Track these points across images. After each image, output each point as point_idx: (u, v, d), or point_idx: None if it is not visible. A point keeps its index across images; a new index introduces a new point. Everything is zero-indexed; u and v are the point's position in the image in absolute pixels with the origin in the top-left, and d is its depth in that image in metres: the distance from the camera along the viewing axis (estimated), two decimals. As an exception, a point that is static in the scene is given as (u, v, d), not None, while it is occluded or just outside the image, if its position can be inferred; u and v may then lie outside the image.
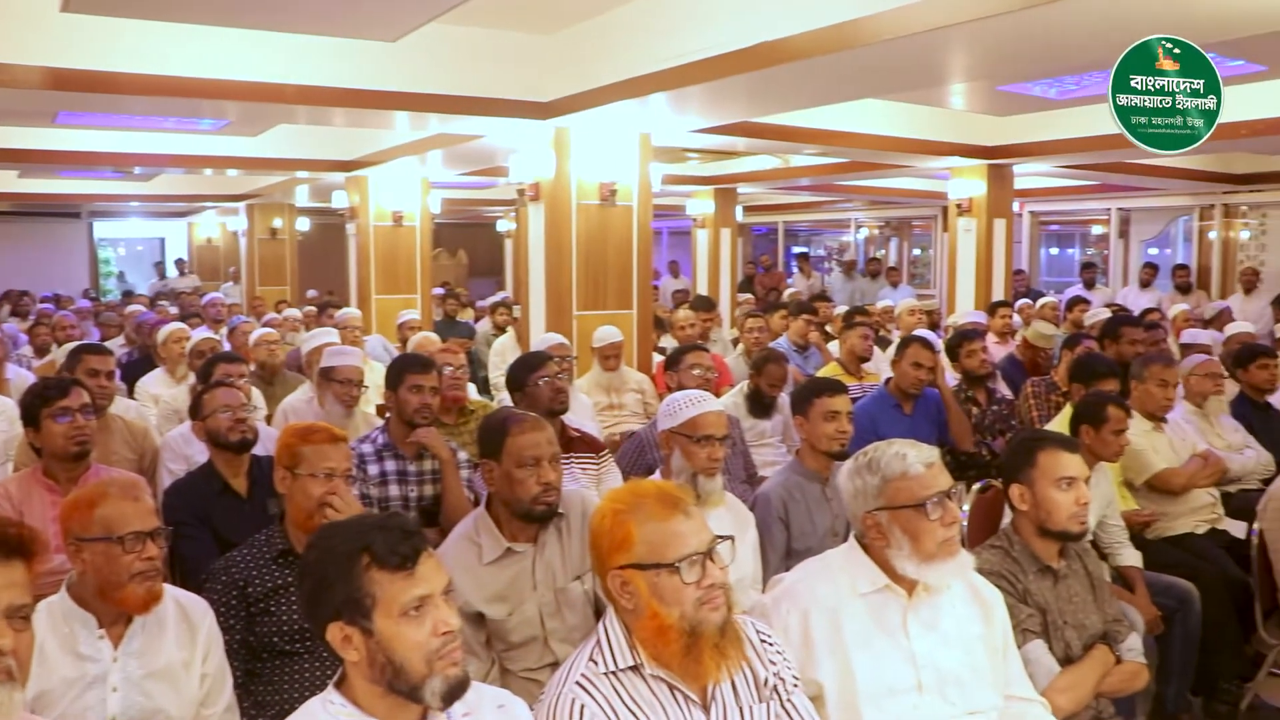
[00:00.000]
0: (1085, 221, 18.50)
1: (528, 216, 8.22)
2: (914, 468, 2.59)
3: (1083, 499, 3.08)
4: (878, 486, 2.62)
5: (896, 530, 2.58)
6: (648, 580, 2.13)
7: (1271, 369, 6.21)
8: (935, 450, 2.66)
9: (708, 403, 3.61)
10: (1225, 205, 14.90)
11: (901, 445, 2.65)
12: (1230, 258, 15.05)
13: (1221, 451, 5.43)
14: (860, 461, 2.68)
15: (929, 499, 2.56)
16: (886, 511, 2.60)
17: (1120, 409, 4.48)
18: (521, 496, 3.07)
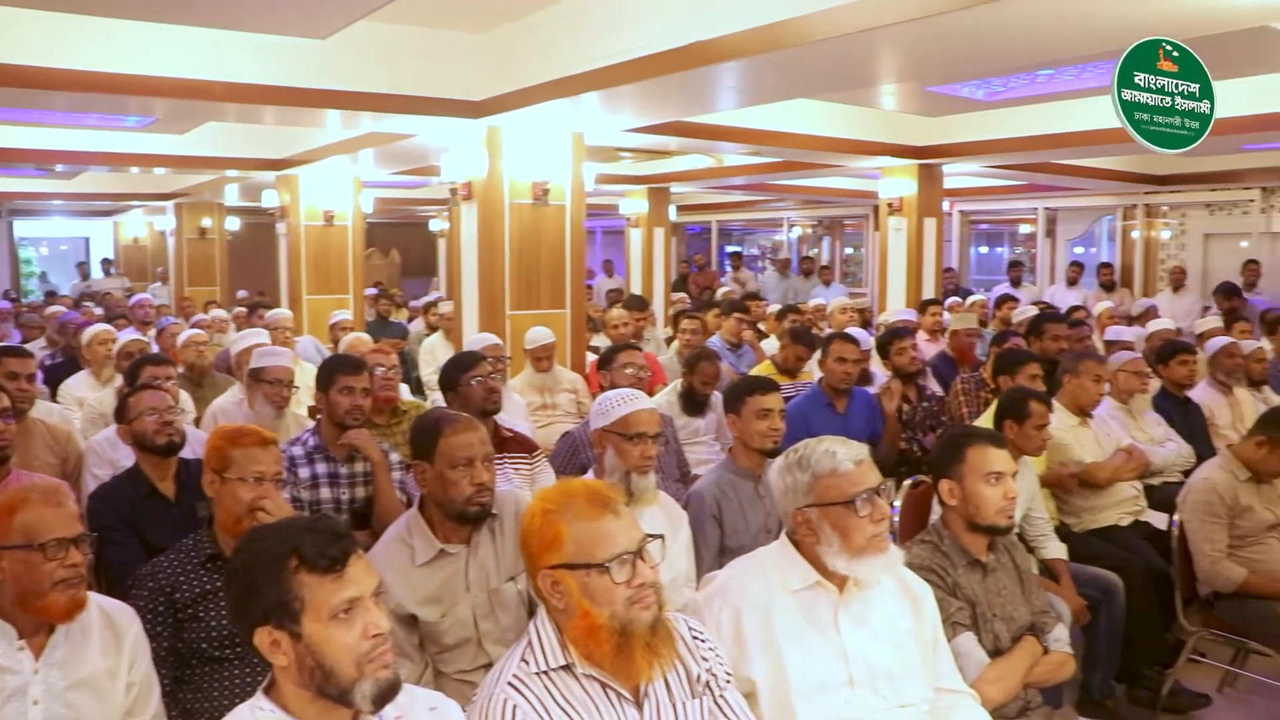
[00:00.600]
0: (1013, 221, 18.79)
1: (460, 216, 8.17)
2: (843, 465, 2.61)
3: (1010, 493, 3.13)
4: (808, 484, 2.64)
5: (826, 527, 2.60)
6: (578, 580, 2.13)
7: (1191, 365, 6.37)
8: (864, 447, 2.68)
9: (640, 401, 3.62)
10: (1147, 205, 15.21)
11: (831, 443, 2.67)
12: (1152, 256, 15.38)
13: (1145, 445, 5.55)
14: (790, 459, 2.70)
15: (858, 496, 2.58)
16: (816, 508, 2.62)
17: (1042, 404, 4.56)
18: (454, 497, 3.05)
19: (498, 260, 7.81)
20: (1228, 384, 6.67)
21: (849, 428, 5.64)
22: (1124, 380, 5.85)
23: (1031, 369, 5.61)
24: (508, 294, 7.81)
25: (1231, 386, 6.68)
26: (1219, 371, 6.65)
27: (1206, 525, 4.47)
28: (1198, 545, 4.49)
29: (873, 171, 11.71)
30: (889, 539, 2.64)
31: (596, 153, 10.98)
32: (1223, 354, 6.70)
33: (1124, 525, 5.13)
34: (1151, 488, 5.56)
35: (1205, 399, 6.53)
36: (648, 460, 3.52)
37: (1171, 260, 14.87)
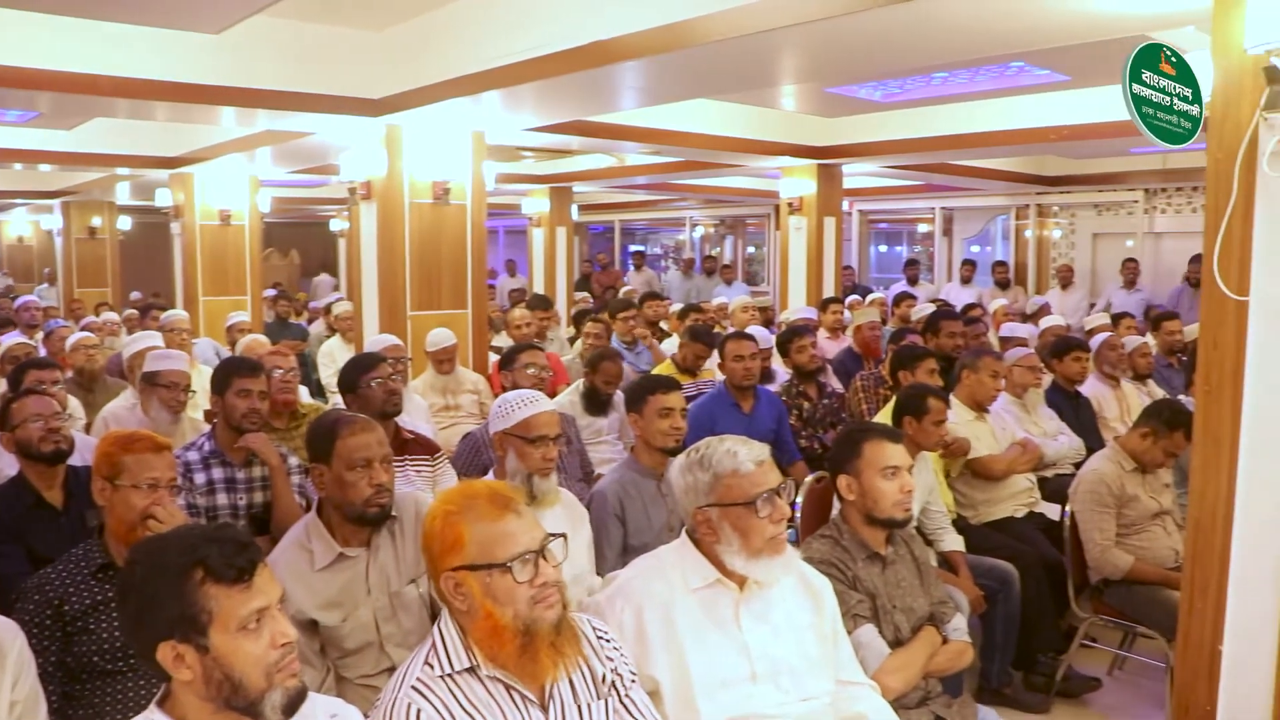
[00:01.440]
0: (911, 220, 19.11)
1: (360, 215, 8.07)
2: (744, 465, 2.63)
3: (907, 486, 3.18)
4: (708, 483, 2.65)
5: (726, 526, 2.61)
6: (480, 581, 2.11)
7: (1084, 361, 6.55)
8: (766, 448, 2.70)
9: (540, 403, 3.60)
10: (1039, 205, 15.58)
11: (733, 442, 2.69)
12: (1044, 255, 15.76)
13: (1038, 439, 5.69)
14: (692, 457, 2.71)
15: (758, 497, 2.60)
16: (717, 508, 2.63)
17: (940, 400, 4.65)
18: (353, 499, 3.01)
19: (398, 260, 7.72)
20: (1114, 377, 6.87)
21: (755, 427, 5.69)
22: (1019, 375, 5.99)
23: (929, 365, 5.72)
24: (408, 294, 7.73)
25: (1119, 380, 6.88)
26: (1104, 365, 6.85)
27: (1096, 515, 4.60)
28: (1088, 534, 4.62)
29: (773, 171, 11.82)
30: (788, 540, 2.67)
31: (498, 152, 10.92)
32: (1105, 347, 6.90)
33: (1019, 517, 5.26)
34: (1045, 480, 5.71)
35: (1094, 393, 6.72)
36: (549, 462, 3.51)
37: (1062, 259, 15.26)
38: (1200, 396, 3.23)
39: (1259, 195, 3.03)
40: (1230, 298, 3.07)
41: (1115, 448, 4.79)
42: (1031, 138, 9.30)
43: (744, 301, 10.20)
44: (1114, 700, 4.81)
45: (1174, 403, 4.91)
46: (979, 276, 14.83)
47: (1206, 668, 3.24)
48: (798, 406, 6.34)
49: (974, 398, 5.48)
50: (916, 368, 5.71)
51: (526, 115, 7.52)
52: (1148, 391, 7.00)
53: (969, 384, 5.50)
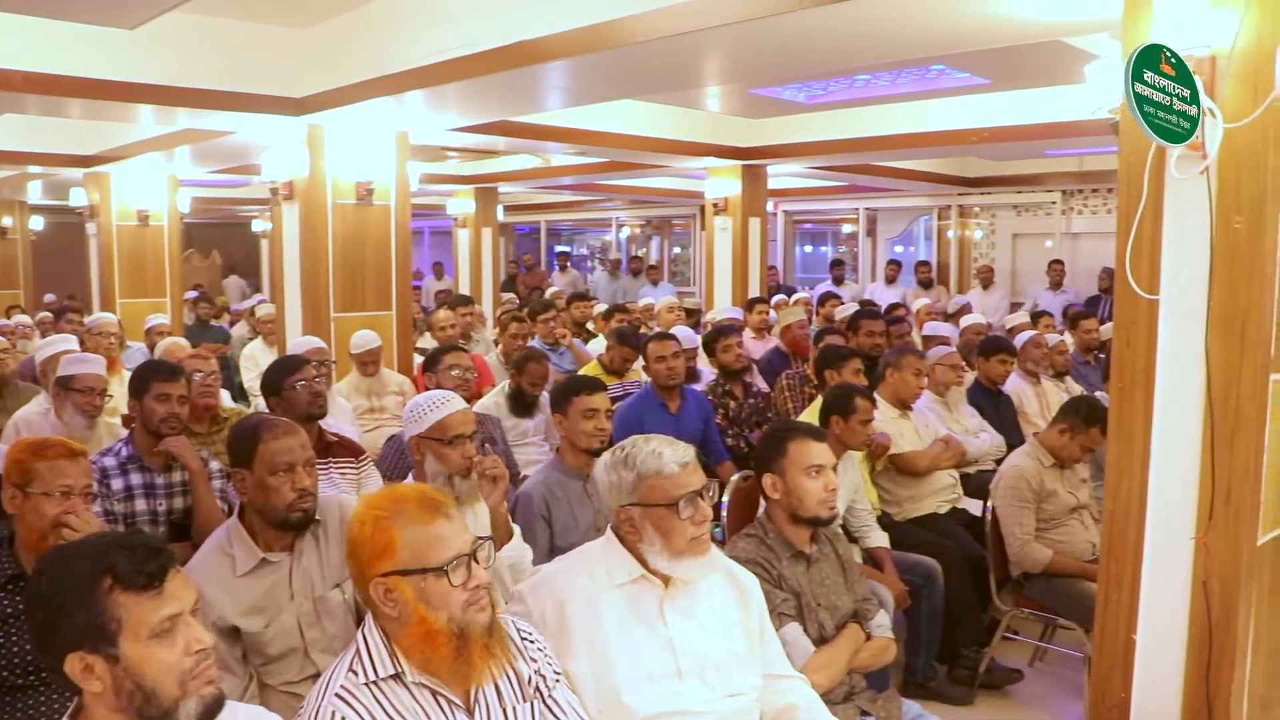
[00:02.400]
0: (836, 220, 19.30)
1: (282, 216, 7.96)
2: (668, 466, 2.64)
3: (831, 485, 3.21)
4: (632, 482, 2.65)
5: (648, 526, 2.62)
6: (414, 585, 2.10)
7: (1009, 364, 6.65)
8: (691, 449, 2.71)
9: (451, 403, 3.59)
10: (960, 206, 15.82)
11: (659, 443, 2.69)
12: (965, 255, 16.00)
13: (961, 436, 5.79)
14: (617, 456, 2.71)
15: (681, 498, 2.61)
16: (639, 508, 2.64)
17: (867, 400, 4.71)
18: (276, 504, 2.97)
19: (321, 262, 7.64)
20: (1035, 375, 7.00)
21: (682, 427, 5.71)
22: (941, 374, 6.08)
23: (854, 365, 5.78)
24: (332, 296, 7.65)
25: (1039, 377, 7.01)
26: (1028, 362, 6.97)
27: (1016, 510, 4.68)
28: (1008, 529, 4.70)
29: (698, 172, 11.88)
30: (710, 541, 2.68)
31: (422, 152, 10.84)
32: (1030, 345, 7.02)
33: (942, 513, 5.34)
34: (967, 476, 5.80)
35: (1015, 389, 6.84)
36: (469, 460, 3.50)
37: (983, 259, 15.50)
38: (1114, 393, 3.31)
39: (1167, 197, 3.11)
40: (1142, 297, 3.15)
41: (1034, 444, 4.88)
42: (952, 139, 9.44)
43: (669, 302, 10.24)
44: (1035, 690, 4.90)
45: (1090, 399, 5.01)
46: (903, 276, 15.03)
47: (1121, 657, 3.31)
48: (724, 406, 6.37)
49: (898, 396, 5.56)
50: (842, 367, 5.77)
51: (451, 115, 7.47)
52: (1066, 388, 7.14)
53: (893, 382, 5.57)
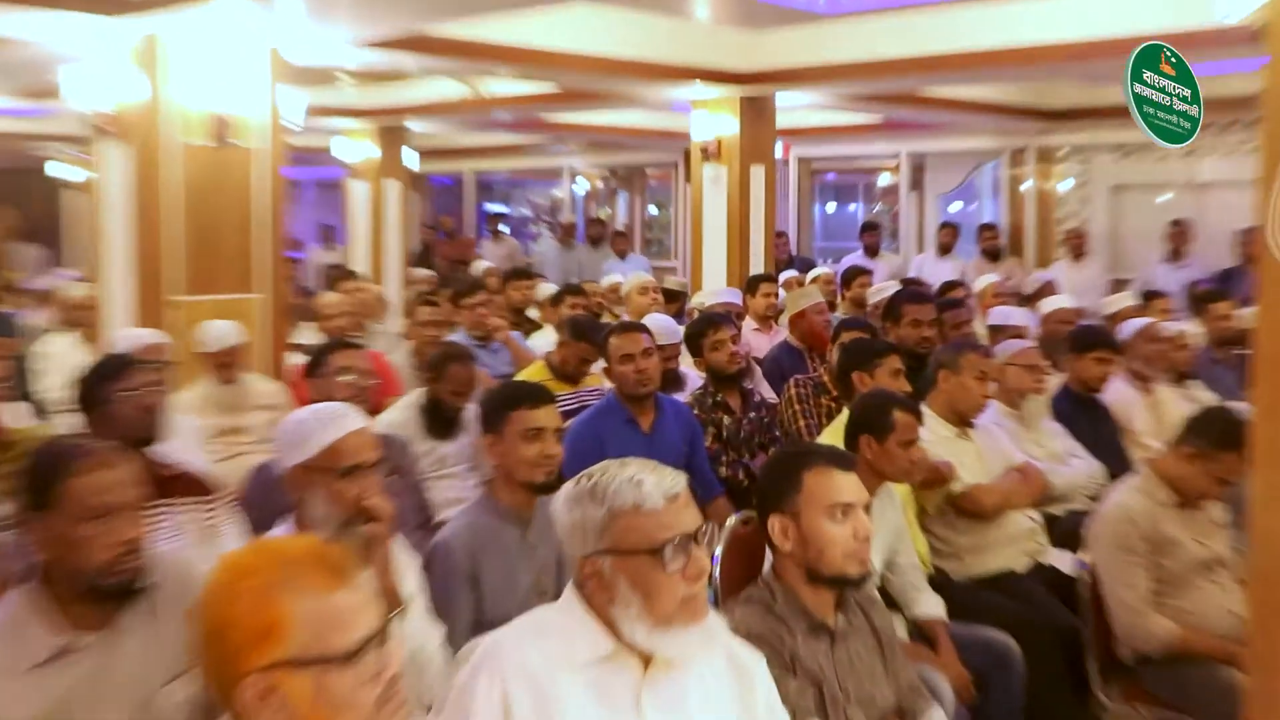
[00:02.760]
0: (869, 169, 19.32)
1: (103, 160, 7.90)
2: (651, 500, 2.62)
3: (863, 531, 3.20)
4: (602, 522, 2.63)
5: (623, 582, 2.60)
6: (314, 680, 2.04)
7: (1111, 362, 6.63)
8: (681, 478, 2.69)
9: (348, 419, 3.53)
10: (1041, 149, 15.82)
11: (638, 468, 2.68)
12: (1048, 215, 16.01)
13: (1043, 463, 5.77)
14: (583, 486, 2.69)
15: (667, 543, 2.58)
16: (611, 556, 2.61)
17: (909, 413, 4.68)
18: (86, 564, 2.90)
19: (157, 224, 7.57)
20: (1147, 378, 6.98)
21: (657, 450, 5.65)
22: (1015, 377, 6.07)
23: (892, 364, 5.76)
24: (174, 272, 7.58)
25: (1151, 382, 7.00)
26: (1137, 362, 6.96)
27: (1123, 566, 4.66)
28: (1114, 593, 4.68)
29: (681, 104, 11.86)
30: (707, 604, 2.65)
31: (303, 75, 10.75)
32: (1142, 339, 7.03)
33: (1019, 570, 5.33)
34: (1053, 519, 5.78)
35: (1119, 399, 6.83)
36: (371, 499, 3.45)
37: (1074, 220, 15.51)
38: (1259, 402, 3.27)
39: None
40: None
41: (1148, 474, 4.85)
42: (1031, 57, 9.41)
43: (642, 281, 10.20)
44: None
45: (1226, 411, 4.99)
46: (961, 245, 15.04)
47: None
48: (715, 422, 6.36)
49: (954, 408, 5.54)
50: (876, 368, 5.75)
51: (340, 26, 7.43)
52: (1191, 396, 7.14)
53: (948, 389, 5.56)
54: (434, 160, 20.61)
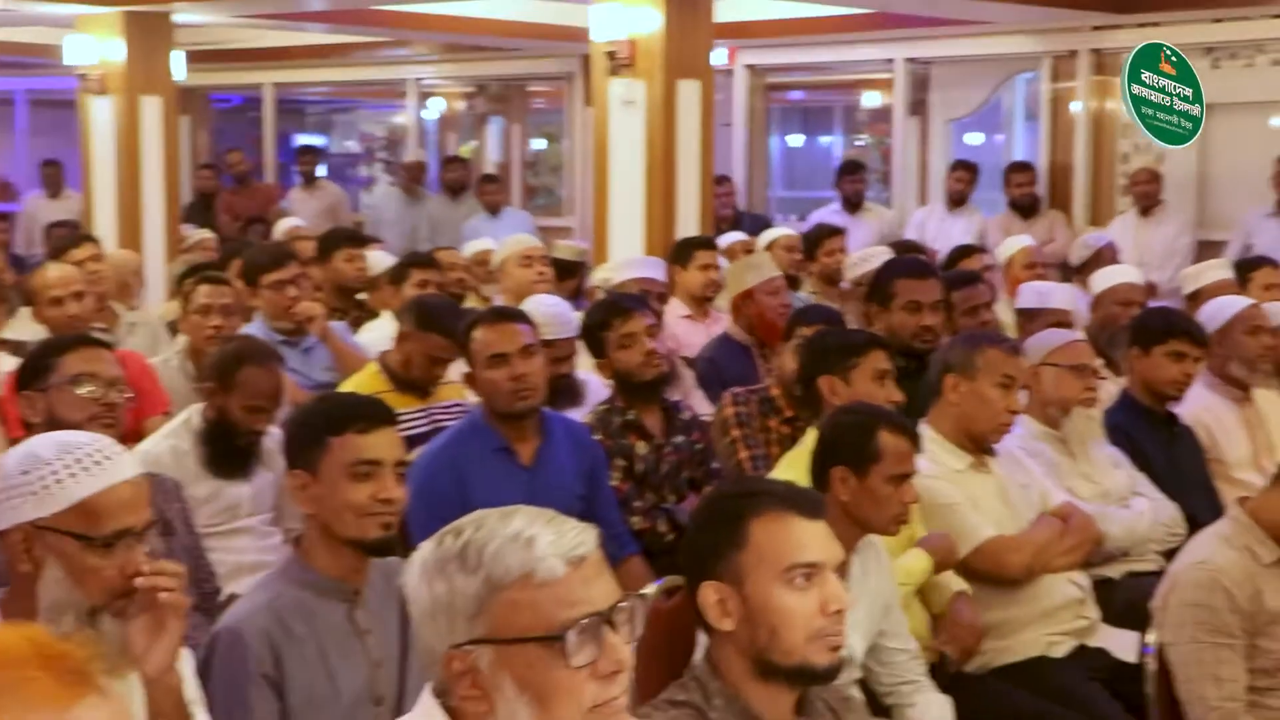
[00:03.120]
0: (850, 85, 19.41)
1: None
2: (546, 565, 2.58)
3: (834, 603, 3.22)
4: (478, 598, 2.60)
5: (508, 684, 2.58)
6: None
7: (1191, 360, 6.65)
8: (591, 534, 2.67)
9: (113, 464, 3.51)
10: (1096, 53, 15.91)
11: (529, 520, 2.64)
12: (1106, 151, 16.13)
13: (1093, 505, 5.84)
14: (448, 548, 2.65)
15: (571, 626, 2.57)
16: (491, 647, 2.60)
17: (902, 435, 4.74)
18: None
19: None
20: (1244, 384, 7.09)
21: (542, 491, 5.68)
22: (1055, 383, 6.14)
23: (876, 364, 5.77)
24: None
25: (1249, 388, 7.12)
26: (1233, 360, 7.06)
27: (1207, 649, 4.72)
28: (1194, 689, 4.74)
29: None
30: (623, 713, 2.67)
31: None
32: (1239, 325, 7.12)
33: (1058, 656, 5.40)
34: (1109, 584, 5.87)
35: (1203, 413, 6.95)
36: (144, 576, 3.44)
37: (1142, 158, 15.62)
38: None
39: None
40: None
41: (1243, 521, 4.91)
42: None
43: (523, 247, 10.18)
44: None
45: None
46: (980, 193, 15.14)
47: None
48: (625, 451, 6.39)
49: (968, 427, 5.61)
50: (851, 370, 5.80)
51: None
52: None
53: (958, 401, 5.63)
54: (216, 69, 20.50)
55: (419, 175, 17.70)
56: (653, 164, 11.43)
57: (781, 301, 8.14)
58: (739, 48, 17.17)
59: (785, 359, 6.68)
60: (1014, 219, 14.20)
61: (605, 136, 11.70)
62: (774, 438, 6.53)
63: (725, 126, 16.68)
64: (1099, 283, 8.79)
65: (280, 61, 20.29)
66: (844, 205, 14.81)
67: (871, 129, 19.35)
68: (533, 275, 9.54)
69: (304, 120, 23.45)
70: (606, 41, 11.43)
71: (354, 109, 23.85)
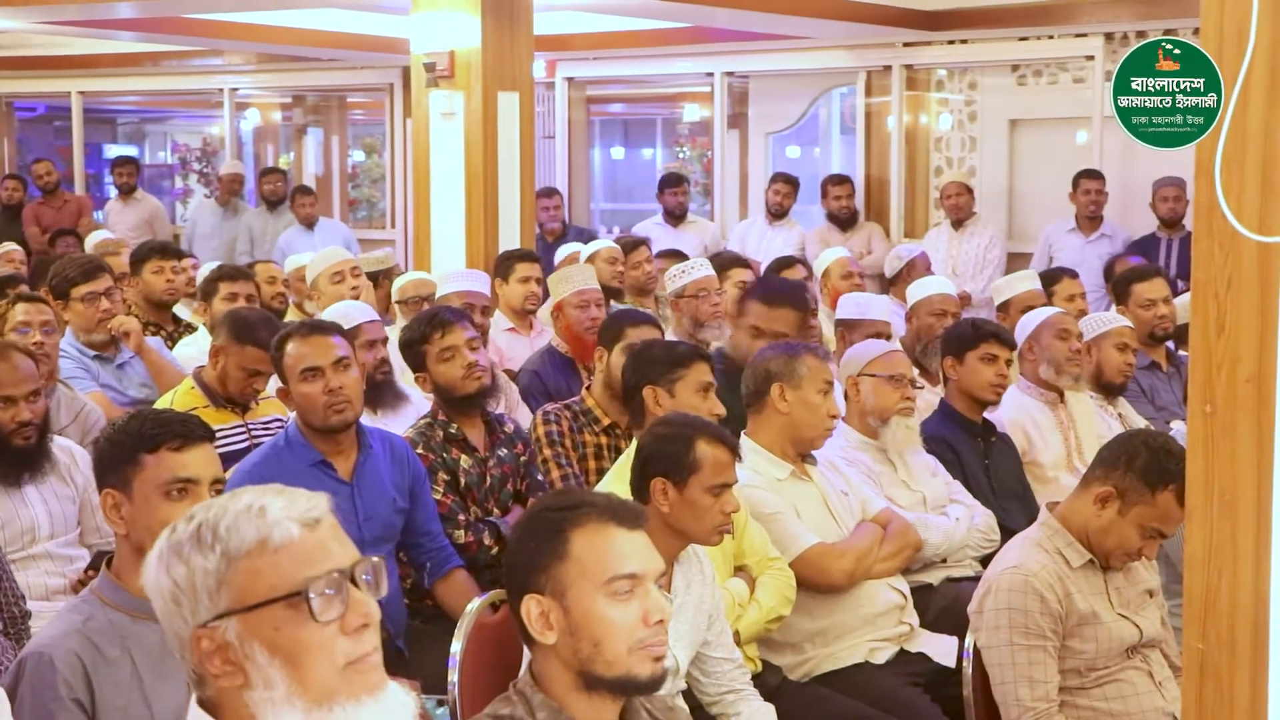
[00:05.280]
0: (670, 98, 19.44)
1: None
2: (281, 529, 2.59)
3: (655, 613, 3.24)
4: (217, 573, 2.58)
5: (258, 652, 2.56)
6: None
7: (1003, 360, 6.78)
8: (322, 499, 2.67)
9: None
10: (908, 69, 16.05)
11: (256, 494, 2.64)
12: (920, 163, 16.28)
13: (912, 512, 5.91)
14: (181, 533, 2.64)
15: (315, 583, 2.56)
16: (237, 618, 2.57)
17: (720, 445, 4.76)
18: None
19: None
20: (1057, 389, 7.21)
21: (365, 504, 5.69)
22: (874, 393, 6.18)
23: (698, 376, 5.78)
24: None
25: (1061, 391, 7.24)
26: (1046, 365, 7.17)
27: (1021, 651, 4.79)
28: (1007, 689, 4.81)
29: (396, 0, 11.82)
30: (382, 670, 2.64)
31: None
32: (1048, 331, 7.26)
33: (878, 662, 5.45)
34: (927, 590, 5.94)
35: (1019, 415, 7.08)
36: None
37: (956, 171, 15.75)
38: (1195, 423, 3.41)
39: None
40: (1248, 239, 3.26)
41: (1052, 525, 5.00)
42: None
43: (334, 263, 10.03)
44: None
45: (1154, 436, 5.16)
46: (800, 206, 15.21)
47: None
48: (448, 465, 6.36)
49: (795, 434, 5.65)
50: (675, 380, 5.80)
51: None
52: (1118, 413, 7.36)
53: (787, 408, 5.66)
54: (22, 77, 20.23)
55: (236, 187, 17.52)
56: (473, 176, 11.40)
57: (590, 315, 8.10)
58: (559, 60, 17.20)
59: (614, 359, 6.70)
60: (832, 231, 14.32)
61: (426, 148, 11.65)
62: (590, 451, 6.54)
63: (548, 139, 16.71)
64: (914, 294, 8.88)
65: (88, 69, 20.01)
66: (666, 217, 14.82)
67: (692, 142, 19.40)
68: (345, 290, 9.42)
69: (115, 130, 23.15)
70: (426, 53, 11.40)
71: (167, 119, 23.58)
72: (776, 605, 5.28)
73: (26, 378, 5.96)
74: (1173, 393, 7.85)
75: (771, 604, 5.27)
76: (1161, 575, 5.16)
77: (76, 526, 6.01)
